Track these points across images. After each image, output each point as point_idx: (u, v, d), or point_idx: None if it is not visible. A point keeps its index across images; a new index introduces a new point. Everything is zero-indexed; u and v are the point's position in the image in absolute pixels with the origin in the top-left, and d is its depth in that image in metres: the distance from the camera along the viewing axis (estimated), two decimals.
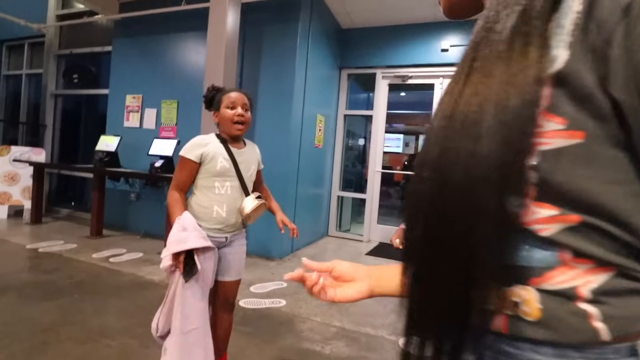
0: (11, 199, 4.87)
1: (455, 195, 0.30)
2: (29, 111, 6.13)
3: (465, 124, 0.30)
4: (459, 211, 0.30)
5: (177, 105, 4.41)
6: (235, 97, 1.52)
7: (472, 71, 0.32)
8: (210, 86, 1.63)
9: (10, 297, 2.46)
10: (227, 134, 1.54)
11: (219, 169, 1.48)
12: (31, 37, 5.83)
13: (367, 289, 0.59)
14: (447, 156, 0.31)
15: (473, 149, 0.29)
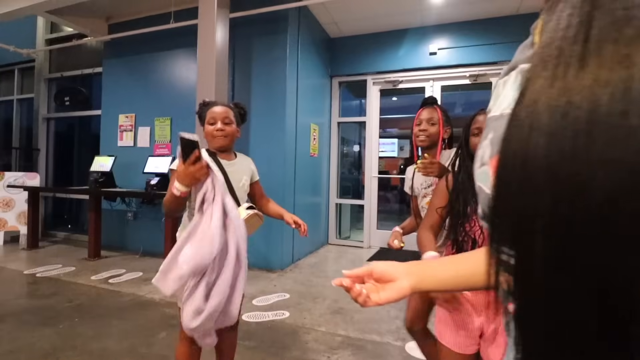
0: (6, 225, 4.82)
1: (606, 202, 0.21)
2: (22, 136, 6.12)
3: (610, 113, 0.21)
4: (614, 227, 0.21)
5: (171, 122, 4.41)
6: (216, 112, 1.53)
7: (588, 53, 0.23)
8: (202, 102, 1.64)
9: (10, 323, 2.42)
10: (214, 148, 1.56)
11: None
12: (21, 62, 5.84)
13: (409, 287, 0.58)
14: (585, 157, 0.22)
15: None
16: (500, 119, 0.42)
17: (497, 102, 0.46)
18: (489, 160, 0.43)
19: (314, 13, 4.34)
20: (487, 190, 0.42)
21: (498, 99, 0.47)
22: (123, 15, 4.69)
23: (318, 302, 2.93)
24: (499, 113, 0.44)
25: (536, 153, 0.24)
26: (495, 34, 4.19)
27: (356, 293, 0.58)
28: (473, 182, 1.21)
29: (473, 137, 1.23)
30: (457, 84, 4.55)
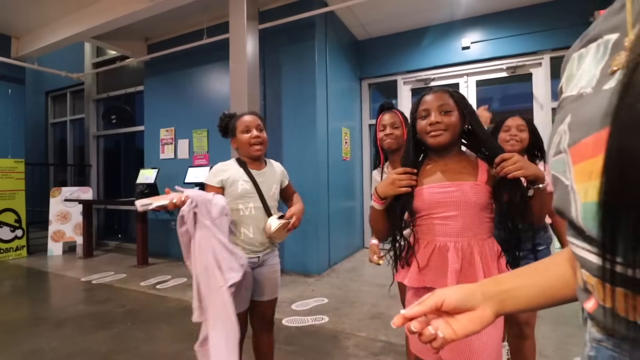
0: (65, 236, 5.23)
1: None
2: (75, 153, 6.63)
3: None
4: None
5: (207, 133, 4.59)
6: (249, 120, 1.58)
7: None
8: (222, 114, 1.67)
9: (70, 328, 2.61)
10: (247, 156, 1.59)
11: (240, 192, 1.52)
12: (72, 86, 6.35)
13: (492, 315, 0.49)
14: None
15: None
16: (580, 99, 0.37)
17: (574, 80, 0.39)
18: (567, 148, 0.37)
19: (340, 17, 4.35)
20: (566, 181, 0.38)
21: (573, 76, 0.40)
22: (160, 36, 4.97)
23: (356, 307, 2.90)
24: (576, 92, 0.38)
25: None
26: (532, 23, 3.99)
27: (429, 338, 0.47)
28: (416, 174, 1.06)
29: (420, 119, 1.09)
30: (493, 78, 4.37)
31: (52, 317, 2.83)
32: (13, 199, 4.95)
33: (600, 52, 0.36)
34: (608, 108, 0.27)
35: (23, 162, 5.12)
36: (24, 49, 5.03)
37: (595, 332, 0.39)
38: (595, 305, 0.38)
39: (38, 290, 3.61)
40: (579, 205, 0.35)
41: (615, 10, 0.36)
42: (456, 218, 1.02)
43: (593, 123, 0.32)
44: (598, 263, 0.34)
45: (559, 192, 0.40)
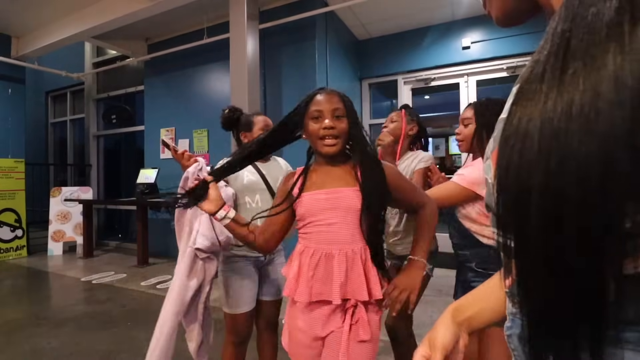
0: (65, 236, 5.23)
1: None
2: (75, 153, 6.62)
3: (586, 116, 0.26)
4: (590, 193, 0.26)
5: (207, 133, 4.59)
6: (267, 120, 1.63)
7: (567, 66, 0.29)
8: (231, 107, 1.69)
9: (71, 328, 2.61)
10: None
11: (245, 183, 1.53)
12: (72, 85, 6.35)
13: (467, 336, 0.62)
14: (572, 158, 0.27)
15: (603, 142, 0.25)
16: (501, 121, 0.46)
17: (508, 102, 0.49)
18: (490, 154, 0.47)
19: (340, 17, 4.35)
20: (490, 180, 0.46)
21: (510, 98, 0.51)
22: (160, 35, 4.97)
23: None
24: (502, 117, 0.48)
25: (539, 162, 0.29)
26: (532, 23, 3.92)
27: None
28: None
29: (312, 121, 1.02)
30: (494, 78, 4.37)
31: (53, 317, 2.83)
32: (13, 199, 4.95)
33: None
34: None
35: (23, 161, 5.11)
36: (24, 49, 5.03)
37: (511, 306, 0.47)
38: (511, 282, 0.44)
39: (38, 290, 3.61)
40: (495, 197, 0.42)
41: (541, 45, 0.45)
42: (339, 224, 0.99)
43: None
44: (509, 244, 0.40)
45: (487, 191, 0.49)
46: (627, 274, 0.27)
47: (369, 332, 0.98)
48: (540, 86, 0.31)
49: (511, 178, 0.31)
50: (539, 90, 0.31)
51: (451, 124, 6.68)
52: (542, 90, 0.30)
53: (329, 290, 0.97)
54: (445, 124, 7.09)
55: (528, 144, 0.30)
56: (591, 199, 0.26)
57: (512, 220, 0.33)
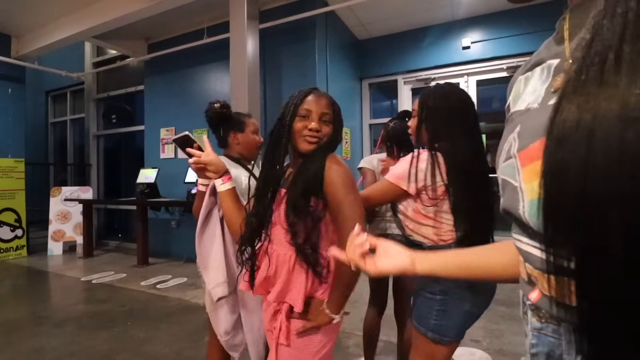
0: (65, 236, 5.23)
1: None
2: (75, 153, 6.62)
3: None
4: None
5: (207, 133, 4.59)
6: (256, 123, 1.61)
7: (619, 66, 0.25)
8: (222, 102, 1.57)
9: (71, 327, 2.61)
10: (248, 156, 1.58)
11: (244, 188, 1.49)
12: (72, 85, 6.35)
13: (409, 261, 0.57)
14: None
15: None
16: (527, 112, 0.43)
17: (521, 98, 0.46)
18: (517, 152, 0.42)
19: (340, 17, 4.35)
20: (515, 182, 0.42)
21: (520, 95, 0.47)
22: (160, 35, 4.97)
23: (357, 306, 2.90)
24: (524, 107, 0.44)
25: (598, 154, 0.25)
26: (532, 23, 3.99)
27: (359, 243, 0.59)
28: (277, 175, 1.03)
29: (299, 119, 1.00)
30: (494, 78, 4.37)
31: (53, 316, 2.83)
32: (13, 199, 4.95)
33: (545, 74, 0.43)
34: (547, 120, 0.32)
35: (23, 161, 5.11)
36: (24, 49, 5.03)
37: (536, 321, 0.44)
38: (539, 296, 0.42)
39: (38, 290, 3.61)
40: (526, 202, 0.40)
41: (558, 39, 0.44)
42: (277, 226, 1.01)
43: (539, 131, 0.36)
44: (541, 257, 0.38)
45: (507, 194, 0.44)
46: None
47: (284, 338, 0.99)
48: (609, 77, 0.25)
49: (572, 187, 0.26)
50: (609, 81, 0.25)
51: None
52: (615, 81, 0.25)
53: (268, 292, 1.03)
54: None
55: (598, 146, 0.24)
56: None
57: (575, 238, 0.28)
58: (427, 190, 1.14)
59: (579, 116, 0.26)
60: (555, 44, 0.44)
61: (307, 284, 0.97)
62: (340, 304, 0.97)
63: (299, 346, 0.99)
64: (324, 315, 0.96)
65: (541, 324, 0.43)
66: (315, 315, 0.98)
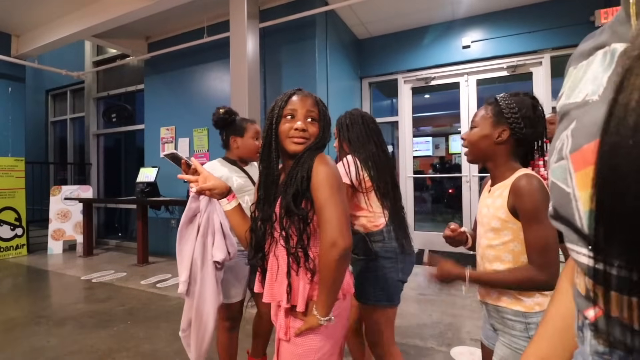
0: (65, 235, 5.23)
1: None
2: (75, 152, 6.63)
3: None
4: None
5: (208, 132, 4.59)
6: (258, 129, 1.69)
7: None
8: (228, 108, 1.68)
9: (70, 326, 2.61)
10: (247, 159, 1.70)
11: (236, 186, 1.60)
12: (72, 84, 6.35)
13: None
14: None
15: None
16: (585, 106, 0.36)
17: (578, 87, 0.39)
18: (569, 154, 0.36)
19: (340, 16, 4.34)
20: (567, 188, 0.36)
21: (578, 83, 0.40)
22: (160, 34, 4.96)
23: None
24: (581, 99, 0.37)
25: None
26: (532, 22, 3.98)
27: None
28: (275, 175, 1.04)
29: (285, 120, 1.00)
30: (494, 77, 4.37)
31: (53, 315, 2.84)
32: (13, 198, 4.95)
33: (607, 60, 0.35)
34: (603, 117, 0.27)
35: (23, 160, 5.11)
36: (24, 47, 5.03)
37: (597, 344, 0.37)
38: (599, 314, 0.36)
39: (38, 289, 3.61)
40: (582, 212, 0.34)
41: (622, 19, 0.35)
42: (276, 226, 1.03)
43: (595, 129, 0.31)
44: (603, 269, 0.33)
45: (557, 199, 0.39)
46: None
47: (283, 333, 1.01)
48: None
49: (630, 201, 0.23)
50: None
51: (451, 123, 6.68)
52: None
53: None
54: (446, 123, 7.09)
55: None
56: None
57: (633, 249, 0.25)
58: (360, 184, 1.47)
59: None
60: (619, 24, 0.36)
61: (308, 284, 0.98)
62: (327, 305, 0.94)
63: (297, 342, 1.00)
64: (312, 316, 0.96)
65: (604, 347, 0.36)
66: (306, 317, 0.99)
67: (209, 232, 1.50)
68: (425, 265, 1.27)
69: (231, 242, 1.53)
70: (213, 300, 1.49)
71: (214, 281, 1.50)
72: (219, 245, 1.50)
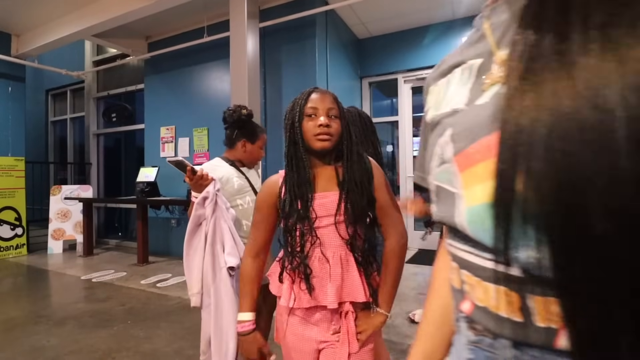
0: (65, 234, 5.23)
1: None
2: (75, 152, 6.62)
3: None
4: None
5: (208, 132, 4.59)
6: (266, 139, 1.73)
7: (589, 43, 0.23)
8: (246, 108, 1.66)
9: (71, 326, 2.61)
10: (247, 164, 1.71)
11: (237, 187, 1.61)
12: (72, 84, 6.34)
13: None
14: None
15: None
16: (455, 114, 0.40)
17: (445, 100, 0.44)
18: (452, 157, 0.39)
19: (341, 15, 4.34)
20: (452, 189, 0.39)
21: (442, 97, 0.44)
22: (160, 34, 4.96)
23: None
24: (450, 110, 0.42)
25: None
26: None
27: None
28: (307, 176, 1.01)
29: (307, 118, 0.99)
30: None
31: (53, 315, 2.84)
32: (13, 197, 4.95)
33: (466, 75, 0.41)
34: (495, 115, 0.30)
35: (23, 160, 5.11)
36: (24, 47, 5.03)
37: (471, 334, 0.41)
38: (472, 307, 0.39)
39: (38, 289, 3.61)
40: (463, 209, 0.37)
41: (474, 40, 0.43)
42: (329, 227, 0.98)
43: (478, 131, 0.35)
44: (481, 264, 0.37)
45: (442, 201, 0.41)
46: None
47: (355, 346, 0.96)
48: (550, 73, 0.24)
49: (546, 183, 0.24)
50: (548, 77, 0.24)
51: None
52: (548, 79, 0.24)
53: (324, 295, 0.95)
54: None
55: (560, 137, 0.23)
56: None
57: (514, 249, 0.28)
58: None
59: (536, 107, 0.25)
60: (472, 43, 0.43)
61: (362, 277, 0.98)
62: (392, 298, 1.01)
63: (366, 350, 0.99)
64: (378, 314, 0.98)
65: (476, 336, 0.40)
66: (367, 321, 0.98)
67: (217, 240, 1.45)
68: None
69: (242, 247, 1.49)
70: (232, 309, 1.42)
71: (231, 289, 1.43)
72: (231, 250, 1.45)
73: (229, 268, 1.44)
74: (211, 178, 1.45)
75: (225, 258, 1.44)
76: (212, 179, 1.45)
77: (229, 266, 1.44)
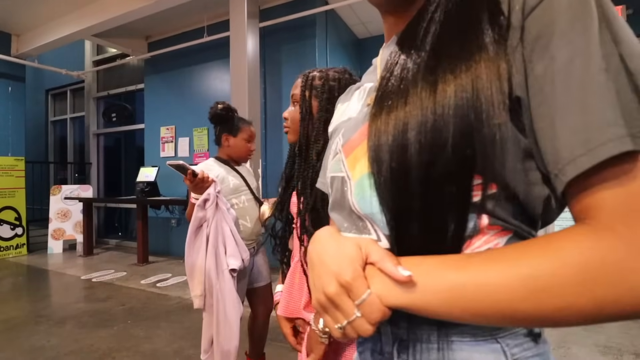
0: (65, 234, 5.23)
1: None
2: (75, 151, 6.62)
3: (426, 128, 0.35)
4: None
5: (207, 131, 4.59)
6: (253, 132, 1.71)
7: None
8: (227, 104, 1.69)
9: (71, 325, 2.61)
10: (237, 159, 1.71)
11: (232, 187, 1.62)
12: (72, 83, 6.34)
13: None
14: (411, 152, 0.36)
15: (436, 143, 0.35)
16: (349, 121, 0.51)
17: (345, 113, 0.55)
18: (341, 148, 0.48)
19: (341, 15, 4.34)
20: (342, 173, 0.46)
21: (344, 111, 0.56)
22: (160, 34, 4.96)
23: None
24: (347, 117, 0.53)
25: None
26: None
27: None
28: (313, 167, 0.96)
29: (314, 98, 0.90)
30: None
31: (53, 315, 2.84)
32: (13, 197, 4.95)
33: (362, 94, 0.53)
34: (367, 114, 0.43)
35: (23, 160, 5.11)
36: (24, 47, 5.03)
37: None
38: None
39: (38, 288, 3.61)
40: (353, 186, 0.43)
41: (371, 70, 0.59)
42: None
43: (357, 125, 0.47)
44: None
45: (335, 190, 0.47)
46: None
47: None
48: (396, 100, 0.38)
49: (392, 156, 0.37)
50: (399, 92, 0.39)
51: None
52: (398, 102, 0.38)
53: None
54: None
55: (396, 133, 0.37)
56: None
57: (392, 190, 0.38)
58: None
59: (388, 115, 0.38)
60: (370, 73, 0.58)
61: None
62: None
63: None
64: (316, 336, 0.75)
65: None
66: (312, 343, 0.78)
67: (220, 241, 1.45)
68: None
69: (243, 248, 1.50)
70: (235, 311, 1.44)
71: (233, 291, 1.44)
72: (233, 252, 1.45)
73: (230, 270, 1.45)
74: (212, 180, 1.45)
75: (227, 260, 1.44)
76: (213, 181, 1.46)
77: (231, 268, 1.44)
